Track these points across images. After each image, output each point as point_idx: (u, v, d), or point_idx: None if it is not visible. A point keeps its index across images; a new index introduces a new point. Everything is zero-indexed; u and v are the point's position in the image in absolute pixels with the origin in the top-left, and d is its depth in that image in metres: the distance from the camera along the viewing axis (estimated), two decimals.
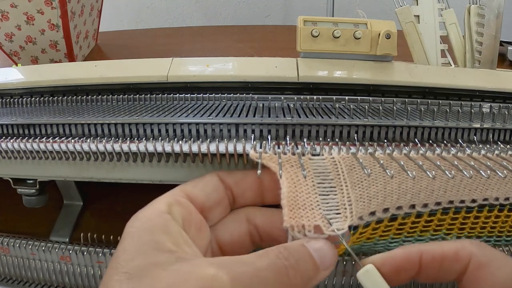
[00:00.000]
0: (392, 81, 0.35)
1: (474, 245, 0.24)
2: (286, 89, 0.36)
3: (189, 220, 0.24)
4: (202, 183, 0.26)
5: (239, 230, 0.26)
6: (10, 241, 0.37)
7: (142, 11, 1.32)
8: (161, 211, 0.23)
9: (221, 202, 0.27)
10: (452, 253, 0.23)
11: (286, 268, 0.21)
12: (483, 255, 0.23)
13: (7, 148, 0.32)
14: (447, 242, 0.24)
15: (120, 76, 0.37)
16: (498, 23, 0.42)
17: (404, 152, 0.28)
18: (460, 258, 0.23)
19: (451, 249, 0.23)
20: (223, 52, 0.79)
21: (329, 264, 0.23)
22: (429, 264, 0.23)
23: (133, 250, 0.21)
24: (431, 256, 0.23)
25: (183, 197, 0.25)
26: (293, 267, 0.21)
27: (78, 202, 0.44)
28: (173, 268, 0.20)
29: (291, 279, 0.21)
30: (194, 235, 0.24)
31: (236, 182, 0.27)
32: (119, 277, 0.20)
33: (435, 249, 0.24)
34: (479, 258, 0.23)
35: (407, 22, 0.43)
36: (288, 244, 0.23)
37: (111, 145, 0.30)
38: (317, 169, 0.27)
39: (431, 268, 0.24)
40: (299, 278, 0.22)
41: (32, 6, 0.63)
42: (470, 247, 0.23)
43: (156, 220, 0.22)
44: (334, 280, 0.32)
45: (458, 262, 0.23)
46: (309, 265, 0.22)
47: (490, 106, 0.36)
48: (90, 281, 0.36)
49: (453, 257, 0.23)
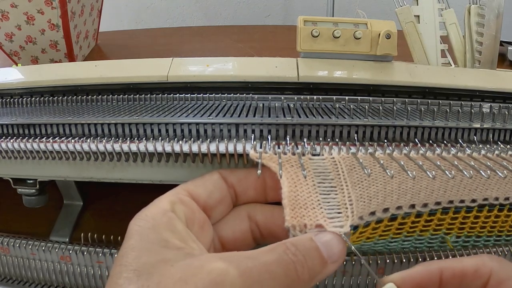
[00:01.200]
0: (392, 81, 0.35)
1: (495, 261, 0.23)
2: (286, 89, 0.36)
3: (192, 218, 0.24)
4: (204, 182, 0.26)
5: (241, 227, 0.27)
6: (10, 241, 0.37)
7: (142, 11, 1.32)
8: (165, 209, 0.23)
9: (224, 200, 0.27)
10: (473, 270, 0.23)
11: (294, 263, 0.21)
12: (503, 271, 0.23)
13: (7, 148, 0.32)
14: (467, 258, 0.24)
15: (120, 76, 0.37)
16: (498, 23, 0.42)
17: (404, 152, 0.28)
18: (481, 275, 0.23)
19: (471, 265, 0.23)
20: (223, 52, 0.79)
21: (337, 258, 0.23)
22: (450, 281, 0.23)
23: (141, 248, 0.21)
24: (451, 273, 0.23)
25: (185, 196, 0.25)
26: (301, 263, 0.22)
27: (78, 202, 0.44)
28: (181, 264, 0.20)
29: (299, 275, 0.21)
30: (197, 232, 0.24)
31: (239, 180, 0.27)
32: (127, 275, 0.20)
33: (455, 266, 0.23)
34: (499, 274, 0.23)
35: (407, 22, 0.43)
36: (296, 238, 0.23)
37: (111, 145, 0.30)
38: (317, 169, 0.27)
39: (451, 285, 0.23)
40: (307, 273, 0.22)
41: (32, 6, 0.63)
42: (490, 263, 0.23)
43: (161, 219, 0.23)
44: (334, 280, 0.32)
45: (479, 279, 0.23)
46: (316, 260, 0.22)
47: (490, 106, 0.36)
48: (90, 281, 0.36)
49: (473, 273, 0.23)
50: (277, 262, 0.21)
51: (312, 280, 0.22)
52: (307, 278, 0.22)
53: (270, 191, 0.27)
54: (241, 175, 0.27)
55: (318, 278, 0.23)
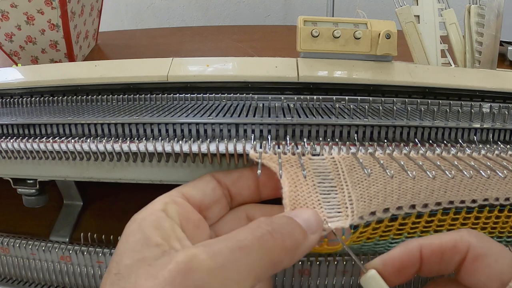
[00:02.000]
0: (392, 81, 0.35)
1: (473, 236, 0.24)
2: (286, 89, 0.36)
3: (186, 217, 0.24)
4: (198, 184, 0.27)
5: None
6: (10, 241, 0.37)
7: (142, 11, 1.32)
8: (156, 209, 0.23)
9: (219, 201, 0.27)
10: (451, 245, 0.23)
11: (270, 233, 0.21)
12: (481, 246, 0.23)
13: (7, 148, 0.32)
14: (445, 234, 0.24)
15: (120, 76, 0.37)
16: (498, 23, 0.42)
17: (404, 152, 0.28)
18: (459, 250, 0.23)
19: (449, 240, 0.23)
20: (223, 52, 0.79)
21: (315, 228, 0.23)
22: (430, 258, 0.23)
23: (124, 251, 0.21)
24: (430, 250, 0.23)
25: (179, 197, 0.25)
26: (277, 231, 0.21)
27: (78, 202, 0.44)
28: (158, 262, 0.20)
29: (279, 243, 0.21)
30: (192, 232, 0.24)
31: (233, 181, 0.27)
32: (111, 279, 0.20)
33: (433, 242, 0.24)
34: (477, 249, 0.23)
35: (407, 22, 0.43)
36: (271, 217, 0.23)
37: (111, 145, 0.30)
38: (317, 168, 0.27)
39: (432, 263, 0.24)
40: (288, 241, 0.21)
41: (32, 6, 0.63)
42: (468, 237, 0.23)
43: (148, 218, 0.22)
44: (334, 280, 0.32)
45: (457, 254, 0.23)
46: (295, 228, 0.22)
47: (490, 106, 0.36)
48: (90, 281, 0.36)
49: (451, 248, 0.23)
50: (251, 236, 0.20)
51: (296, 249, 0.22)
52: (289, 246, 0.21)
53: (264, 188, 0.27)
54: (235, 177, 0.27)
55: (302, 249, 0.22)
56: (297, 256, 0.22)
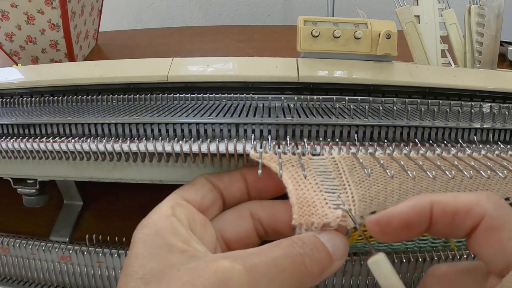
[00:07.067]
0: (392, 81, 0.35)
1: (491, 203, 0.21)
2: (286, 89, 0.36)
3: (193, 219, 0.25)
4: (194, 186, 0.27)
5: (245, 226, 0.27)
6: (10, 241, 0.37)
7: (142, 11, 1.32)
8: (166, 214, 0.23)
9: (216, 202, 0.27)
10: (465, 209, 0.21)
11: (302, 256, 0.21)
12: (497, 217, 0.20)
13: (7, 148, 0.32)
14: (461, 194, 0.22)
15: (120, 76, 0.37)
16: (498, 23, 0.42)
17: (404, 152, 0.28)
18: (472, 215, 0.21)
19: (464, 203, 0.21)
20: (223, 52, 0.79)
21: (341, 254, 0.23)
22: (440, 219, 0.21)
23: (146, 255, 0.21)
24: (441, 210, 0.21)
25: (181, 200, 0.25)
26: (308, 255, 0.21)
27: (78, 202, 0.44)
28: (188, 267, 0.20)
29: (307, 267, 0.21)
30: (200, 232, 0.24)
31: (225, 185, 0.28)
32: (135, 284, 0.20)
33: (447, 202, 0.21)
34: (492, 220, 0.20)
35: (407, 22, 0.43)
36: (300, 235, 0.23)
37: (111, 145, 0.30)
38: (318, 168, 0.27)
39: (441, 224, 0.22)
40: (315, 266, 0.22)
41: (32, 6, 0.63)
42: (486, 204, 0.21)
43: (163, 224, 0.23)
44: (334, 280, 0.32)
45: (470, 220, 0.21)
46: (323, 254, 0.22)
47: (490, 106, 0.36)
48: (90, 281, 0.36)
49: (465, 213, 0.21)
50: (284, 255, 0.21)
51: (321, 274, 0.22)
52: (316, 271, 0.22)
53: (251, 190, 0.28)
54: (226, 179, 0.28)
55: (325, 274, 0.22)
56: (319, 280, 0.22)
